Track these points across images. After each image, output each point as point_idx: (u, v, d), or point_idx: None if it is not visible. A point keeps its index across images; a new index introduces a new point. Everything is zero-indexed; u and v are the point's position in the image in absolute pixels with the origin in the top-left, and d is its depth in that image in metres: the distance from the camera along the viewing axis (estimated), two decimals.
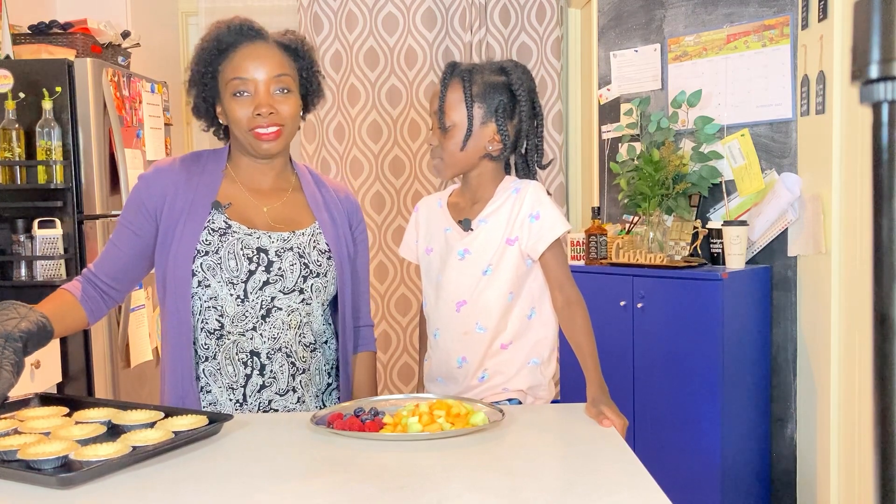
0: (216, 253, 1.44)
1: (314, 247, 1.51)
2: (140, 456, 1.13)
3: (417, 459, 1.15)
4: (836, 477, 2.39)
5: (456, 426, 1.26)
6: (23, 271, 2.66)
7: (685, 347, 2.62)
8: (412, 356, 3.83)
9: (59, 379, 2.54)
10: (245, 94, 1.45)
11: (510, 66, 1.55)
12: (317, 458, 1.17)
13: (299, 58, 1.53)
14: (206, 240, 1.45)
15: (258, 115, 1.44)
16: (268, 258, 1.46)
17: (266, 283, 1.46)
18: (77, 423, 1.26)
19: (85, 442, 1.17)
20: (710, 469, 2.57)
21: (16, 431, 1.23)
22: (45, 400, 1.44)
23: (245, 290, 1.45)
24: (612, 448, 1.21)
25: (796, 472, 2.71)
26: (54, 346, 2.49)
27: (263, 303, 1.46)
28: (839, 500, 2.37)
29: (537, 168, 1.62)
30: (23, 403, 1.41)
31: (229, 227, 1.47)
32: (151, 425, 1.25)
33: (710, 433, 2.57)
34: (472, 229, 1.56)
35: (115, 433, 1.23)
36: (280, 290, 1.47)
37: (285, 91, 1.48)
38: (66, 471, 1.07)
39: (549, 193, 1.57)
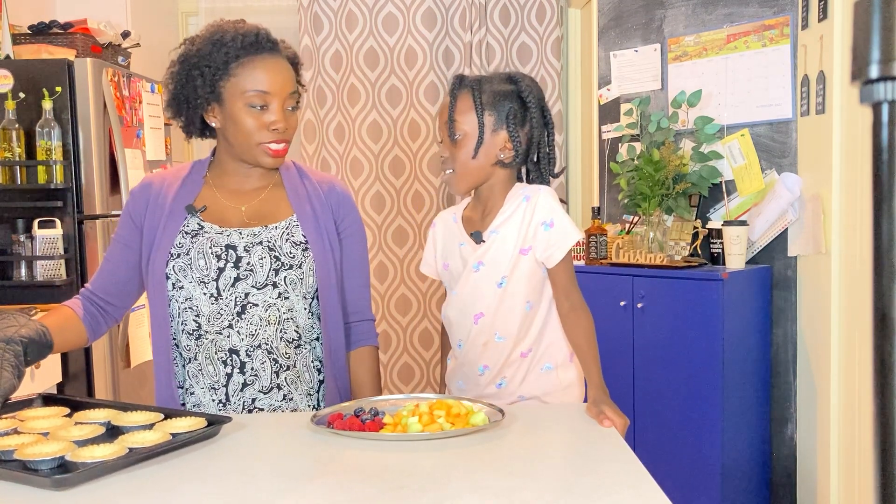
0: (187, 254, 1.45)
1: (287, 239, 1.49)
2: (136, 457, 1.13)
3: (417, 459, 1.15)
4: (836, 477, 2.39)
5: (456, 426, 1.26)
6: (23, 271, 2.66)
7: (685, 347, 2.61)
8: (412, 356, 3.83)
9: (59, 379, 2.54)
10: (262, 107, 1.44)
11: (518, 75, 1.56)
12: (317, 458, 1.16)
13: (296, 74, 1.54)
14: (179, 243, 1.46)
15: (274, 129, 1.44)
16: (236, 254, 1.46)
17: (237, 279, 1.45)
18: (77, 423, 1.26)
19: (83, 443, 1.17)
20: (710, 469, 2.57)
21: (15, 431, 1.23)
22: (48, 400, 1.44)
23: (217, 288, 1.45)
24: (612, 448, 1.21)
25: (796, 472, 2.71)
26: None
27: (238, 299, 1.45)
28: (839, 500, 2.37)
29: (550, 178, 1.61)
30: (25, 403, 1.41)
31: (202, 228, 1.48)
32: (150, 427, 1.25)
33: (711, 433, 2.56)
34: (483, 241, 1.55)
35: (114, 434, 1.23)
36: (252, 286, 1.46)
37: (294, 108, 1.50)
38: (63, 472, 1.07)
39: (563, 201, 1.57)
